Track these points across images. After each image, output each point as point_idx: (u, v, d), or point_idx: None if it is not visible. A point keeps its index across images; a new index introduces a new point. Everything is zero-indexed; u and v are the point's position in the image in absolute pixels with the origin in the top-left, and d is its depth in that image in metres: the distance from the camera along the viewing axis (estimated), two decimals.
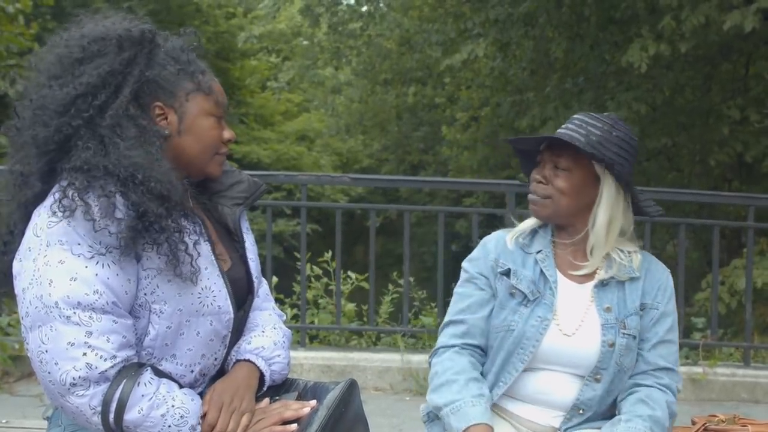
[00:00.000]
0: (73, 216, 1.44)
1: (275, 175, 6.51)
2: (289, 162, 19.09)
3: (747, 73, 8.94)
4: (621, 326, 1.84)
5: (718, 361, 4.64)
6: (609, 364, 1.83)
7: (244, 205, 1.79)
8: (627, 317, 1.86)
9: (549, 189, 1.87)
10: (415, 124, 16.90)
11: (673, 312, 1.92)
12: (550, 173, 1.87)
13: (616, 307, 1.86)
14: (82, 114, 1.49)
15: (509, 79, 10.55)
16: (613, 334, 1.83)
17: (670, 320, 1.90)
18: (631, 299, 1.88)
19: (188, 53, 1.63)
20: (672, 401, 1.86)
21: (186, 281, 1.52)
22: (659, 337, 1.88)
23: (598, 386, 1.83)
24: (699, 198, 6.57)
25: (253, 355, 1.70)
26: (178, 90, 1.59)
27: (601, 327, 1.84)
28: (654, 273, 1.92)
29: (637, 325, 1.86)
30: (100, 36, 1.55)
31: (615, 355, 1.83)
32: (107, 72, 1.52)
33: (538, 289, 1.87)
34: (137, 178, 1.46)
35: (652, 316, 1.88)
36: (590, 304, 1.87)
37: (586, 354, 1.84)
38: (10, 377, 4.30)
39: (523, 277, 1.88)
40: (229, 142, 1.69)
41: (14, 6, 6.86)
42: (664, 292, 1.91)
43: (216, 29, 18.37)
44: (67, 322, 1.43)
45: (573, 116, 1.92)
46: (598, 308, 1.86)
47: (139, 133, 1.51)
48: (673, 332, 1.91)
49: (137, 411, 1.46)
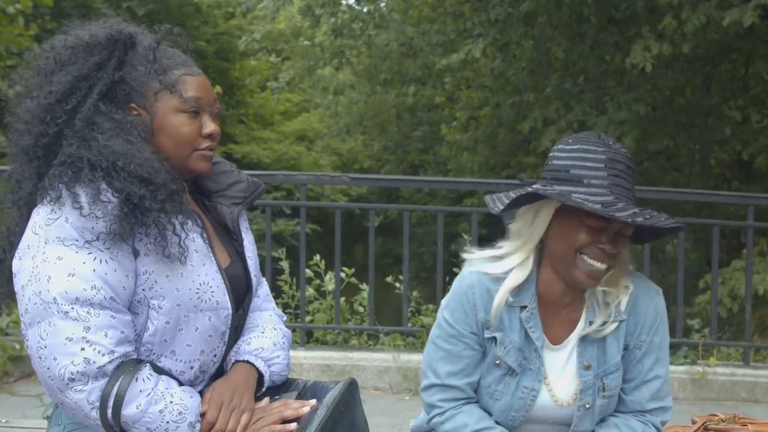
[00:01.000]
0: (64, 207, 1.47)
1: (274, 175, 6.51)
2: (288, 162, 19.10)
3: (746, 73, 8.95)
4: (601, 387, 1.75)
5: (718, 361, 4.64)
6: (588, 425, 1.77)
7: (242, 204, 1.79)
8: (607, 375, 1.75)
9: (615, 260, 1.67)
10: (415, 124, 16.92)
11: (660, 346, 1.79)
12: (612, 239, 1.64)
13: (595, 362, 1.75)
14: (56, 120, 1.53)
15: (509, 80, 10.55)
16: (592, 395, 1.75)
17: (654, 356, 1.78)
18: (611, 351, 1.75)
19: (155, 51, 1.62)
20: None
21: (174, 262, 1.53)
22: (642, 378, 1.78)
23: None
24: (698, 197, 6.57)
25: (252, 356, 1.70)
26: (147, 90, 1.60)
27: (581, 391, 1.75)
28: (641, 307, 1.77)
29: (618, 381, 1.76)
30: (70, 44, 1.58)
31: (594, 415, 1.76)
32: (75, 77, 1.55)
33: (525, 357, 1.75)
34: (118, 165, 1.49)
35: (635, 356, 1.78)
36: (571, 363, 1.77)
37: (563, 418, 1.78)
38: (10, 377, 4.30)
39: (510, 347, 1.74)
40: (211, 136, 1.66)
41: (14, 7, 6.87)
42: (651, 325, 1.77)
43: (215, 30, 18.39)
44: (66, 318, 1.43)
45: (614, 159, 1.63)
46: (579, 367, 1.76)
47: (115, 124, 1.53)
48: (659, 367, 1.79)
49: (135, 406, 1.46)
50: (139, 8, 15.25)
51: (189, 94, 1.62)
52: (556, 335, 1.77)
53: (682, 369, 4.53)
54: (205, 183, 1.78)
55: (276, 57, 20.91)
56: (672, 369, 4.53)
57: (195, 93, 1.63)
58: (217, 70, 16.80)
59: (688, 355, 4.63)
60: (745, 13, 5.86)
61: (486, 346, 1.77)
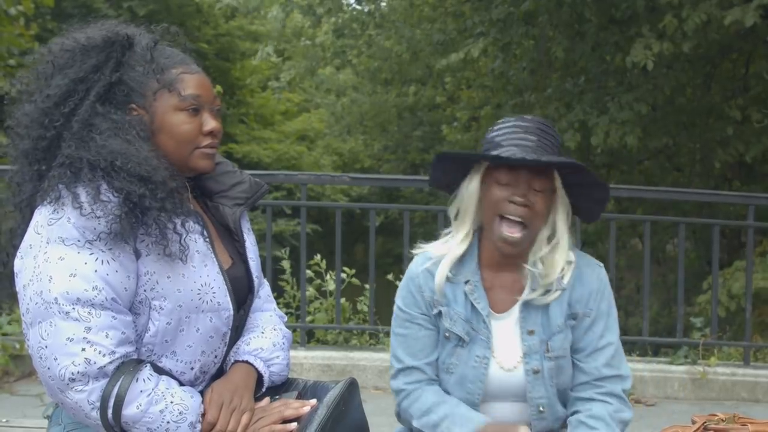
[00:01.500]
0: (66, 207, 1.47)
1: (275, 175, 6.52)
2: (289, 162, 19.11)
3: (747, 72, 8.94)
4: (545, 350, 1.78)
5: (718, 361, 4.64)
6: (544, 393, 1.79)
7: (245, 205, 1.79)
8: (551, 337, 1.79)
9: (532, 212, 1.73)
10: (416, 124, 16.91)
11: (608, 313, 1.83)
12: (526, 191, 1.72)
13: (539, 328, 1.79)
14: (54, 123, 1.54)
15: (510, 80, 10.54)
16: (538, 359, 1.78)
17: (603, 323, 1.81)
18: (554, 316, 1.80)
19: (152, 51, 1.63)
20: (618, 409, 1.78)
21: (175, 260, 1.53)
22: (594, 345, 1.81)
23: (547, 416, 1.81)
24: (698, 197, 6.57)
25: (252, 357, 1.70)
26: (146, 90, 1.60)
27: (523, 356, 1.79)
28: (585, 279, 1.82)
29: (563, 343, 1.79)
30: (67, 48, 1.59)
31: (545, 380, 1.79)
32: (72, 80, 1.56)
33: (473, 327, 1.81)
34: (116, 164, 1.49)
35: (584, 324, 1.81)
36: (517, 330, 1.81)
37: (516, 387, 1.81)
38: (11, 377, 4.30)
39: (456, 318, 1.81)
40: (212, 134, 1.65)
41: (16, 8, 6.90)
42: (597, 295, 1.82)
43: (216, 31, 18.39)
44: (67, 318, 1.43)
45: (528, 125, 1.76)
46: (522, 332, 1.80)
47: (113, 125, 1.54)
48: (610, 334, 1.82)
49: (136, 407, 1.46)
50: (139, 8, 15.27)
51: (187, 91, 1.61)
52: (500, 304, 1.83)
53: (683, 369, 4.53)
54: (208, 183, 1.78)
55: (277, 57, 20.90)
56: (672, 369, 4.54)
57: (194, 90, 1.62)
58: (218, 70, 16.81)
59: (688, 354, 4.64)
60: (747, 13, 5.86)
61: (437, 323, 1.84)
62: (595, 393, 1.79)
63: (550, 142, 1.74)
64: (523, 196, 1.71)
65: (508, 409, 1.84)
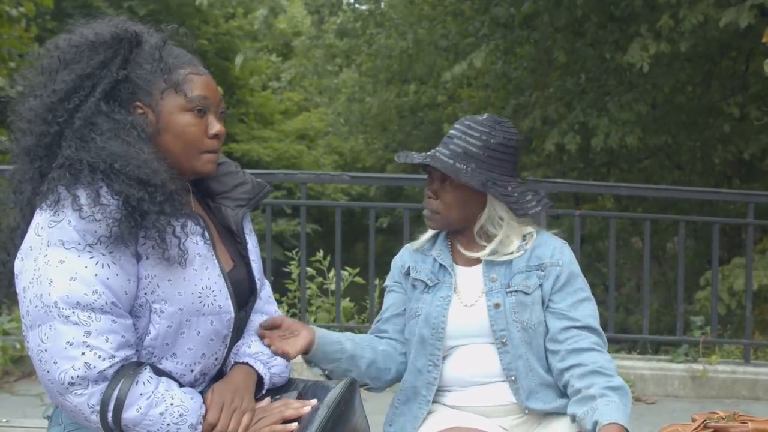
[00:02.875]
0: (66, 210, 1.46)
1: (275, 174, 6.50)
2: (289, 161, 19.09)
3: (747, 70, 8.94)
4: (506, 287, 1.91)
5: (719, 359, 4.65)
6: (506, 326, 1.88)
7: (247, 206, 1.79)
8: (512, 278, 1.91)
9: (438, 204, 1.96)
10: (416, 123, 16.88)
11: (580, 273, 1.95)
12: (438, 188, 1.95)
13: (502, 276, 1.93)
14: (58, 119, 1.52)
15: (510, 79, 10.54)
16: (500, 296, 1.90)
17: (580, 280, 1.93)
18: (517, 264, 1.93)
19: (161, 50, 1.62)
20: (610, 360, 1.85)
21: (174, 264, 1.52)
22: (575, 296, 1.91)
23: (510, 349, 1.87)
24: (698, 195, 6.57)
25: (252, 359, 1.70)
26: (153, 88, 1.59)
27: (486, 294, 1.92)
28: (545, 241, 1.97)
29: (524, 282, 1.90)
30: (75, 43, 1.58)
31: (507, 314, 1.88)
32: (79, 76, 1.54)
33: (437, 277, 1.98)
34: (115, 167, 1.48)
35: (556, 275, 1.91)
36: (480, 277, 1.95)
37: (481, 322, 1.90)
38: (11, 377, 4.31)
39: (422, 270, 2.01)
40: (217, 137, 1.65)
41: (17, 10, 6.90)
42: (560, 251, 1.95)
43: (217, 30, 18.37)
44: (66, 322, 1.43)
45: (456, 124, 1.97)
46: (485, 279, 1.94)
47: (114, 125, 1.53)
48: (586, 290, 1.93)
49: (136, 410, 1.46)
50: (139, 8, 15.26)
51: (195, 92, 1.61)
52: (464, 263, 2.00)
53: (683, 367, 4.54)
54: (210, 184, 1.78)
55: (277, 56, 20.88)
56: (672, 367, 4.55)
57: (201, 92, 1.62)
58: (218, 70, 16.78)
59: (689, 352, 4.64)
60: (742, 14, 5.87)
61: (405, 285, 2.06)
62: (591, 343, 1.85)
63: (467, 143, 1.91)
64: (430, 188, 1.98)
65: (477, 351, 1.92)
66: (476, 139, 1.91)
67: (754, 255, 5.25)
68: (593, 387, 1.74)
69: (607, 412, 1.67)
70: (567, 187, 6.03)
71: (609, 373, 1.78)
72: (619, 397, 1.73)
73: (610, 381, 1.76)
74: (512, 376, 1.87)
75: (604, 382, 1.75)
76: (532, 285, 1.90)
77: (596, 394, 1.73)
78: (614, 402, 1.70)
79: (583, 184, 7.25)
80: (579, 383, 1.78)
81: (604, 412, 1.67)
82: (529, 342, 1.88)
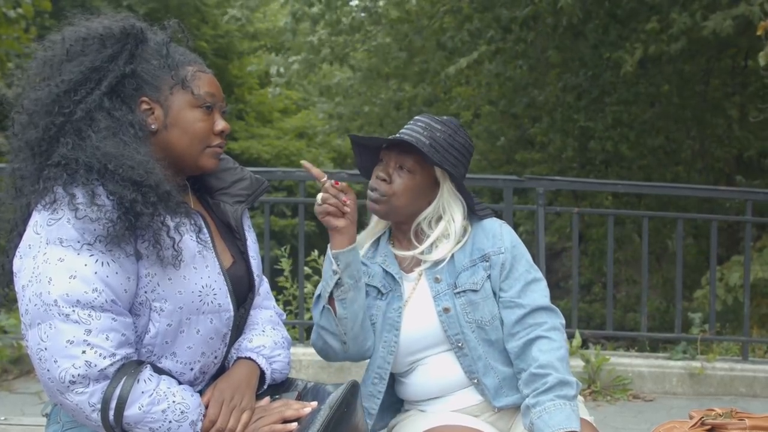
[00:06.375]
0: (64, 208, 1.46)
1: (273, 172, 6.49)
2: (287, 158, 19.07)
3: (746, 68, 8.95)
4: (453, 288, 1.89)
5: (717, 356, 4.65)
6: (460, 329, 1.87)
7: (246, 202, 1.79)
8: (457, 277, 1.90)
9: (390, 188, 1.91)
10: None
11: (524, 252, 1.94)
12: (394, 172, 1.92)
13: (445, 274, 1.91)
14: (63, 111, 1.52)
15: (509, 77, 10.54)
16: (448, 299, 1.89)
17: (524, 261, 1.92)
18: (459, 260, 1.91)
19: (168, 46, 1.63)
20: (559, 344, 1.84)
21: (167, 266, 1.52)
22: (524, 278, 1.90)
23: (468, 352, 1.87)
24: (696, 192, 6.59)
25: (254, 353, 1.70)
26: (162, 84, 1.60)
27: (433, 299, 1.90)
28: (484, 226, 1.96)
29: (471, 278, 1.89)
30: (82, 36, 1.58)
31: (459, 317, 1.87)
32: (88, 68, 1.54)
33: (389, 285, 1.95)
34: (109, 167, 1.48)
35: (501, 263, 1.90)
36: (424, 281, 1.93)
37: (434, 329, 1.89)
38: (9, 375, 4.31)
39: (373, 275, 1.96)
40: (222, 134, 1.67)
41: (16, 12, 6.91)
42: (500, 236, 1.93)
43: (216, 31, 18.35)
44: (66, 320, 1.43)
45: (417, 117, 1.96)
46: (429, 281, 1.92)
47: (112, 123, 1.53)
48: (534, 271, 1.92)
49: (138, 407, 1.46)
50: (139, 6, 15.22)
51: (203, 90, 1.63)
52: (409, 268, 1.98)
53: (681, 364, 4.54)
54: (208, 180, 1.78)
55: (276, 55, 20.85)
56: (671, 364, 4.55)
57: (208, 89, 1.64)
58: (216, 68, 16.72)
59: (687, 350, 4.64)
60: (725, 21, 5.92)
61: None
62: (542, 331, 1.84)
63: (433, 137, 1.89)
64: (384, 171, 1.92)
65: (436, 363, 1.91)
66: (442, 134, 1.91)
67: (752, 253, 5.24)
68: (531, 395, 1.78)
69: (539, 426, 1.72)
70: (566, 184, 6.03)
71: (544, 372, 1.79)
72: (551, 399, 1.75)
73: (545, 382, 1.77)
74: (474, 378, 1.88)
75: (540, 386, 1.77)
76: (479, 280, 1.89)
77: (530, 404, 1.77)
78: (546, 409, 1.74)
79: (582, 182, 7.25)
80: (524, 389, 1.82)
81: (538, 426, 1.72)
82: (487, 339, 1.88)
